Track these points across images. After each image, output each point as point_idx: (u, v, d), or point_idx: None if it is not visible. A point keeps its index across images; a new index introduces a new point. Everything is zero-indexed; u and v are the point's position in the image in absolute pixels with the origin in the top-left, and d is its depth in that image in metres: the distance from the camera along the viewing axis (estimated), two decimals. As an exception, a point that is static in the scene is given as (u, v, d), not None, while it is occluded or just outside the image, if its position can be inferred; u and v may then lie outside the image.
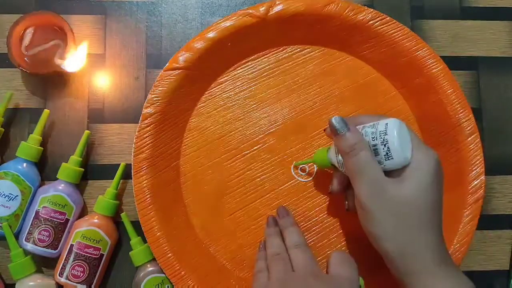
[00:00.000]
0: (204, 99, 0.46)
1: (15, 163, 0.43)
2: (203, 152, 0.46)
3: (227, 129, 0.46)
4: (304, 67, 0.48)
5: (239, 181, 0.45)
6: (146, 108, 0.43)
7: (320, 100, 0.47)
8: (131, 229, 0.43)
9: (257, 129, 0.46)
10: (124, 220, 0.43)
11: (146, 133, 0.43)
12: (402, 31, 0.45)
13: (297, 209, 0.45)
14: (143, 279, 0.42)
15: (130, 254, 0.43)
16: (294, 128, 0.46)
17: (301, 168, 0.46)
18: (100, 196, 0.44)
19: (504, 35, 0.50)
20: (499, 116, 0.49)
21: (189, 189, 0.45)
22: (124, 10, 0.49)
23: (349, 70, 0.48)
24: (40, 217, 0.42)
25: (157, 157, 0.43)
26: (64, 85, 0.47)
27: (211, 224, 0.45)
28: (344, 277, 0.36)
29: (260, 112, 0.47)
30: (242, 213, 0.45)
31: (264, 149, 0.46)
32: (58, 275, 0.41)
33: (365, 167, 0.34)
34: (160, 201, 0.43)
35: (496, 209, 0.48)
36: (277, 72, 0.47)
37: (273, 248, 0.40)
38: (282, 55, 0.48)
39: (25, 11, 0.45)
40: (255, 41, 0.46)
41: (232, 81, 0.47)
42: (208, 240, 0.44)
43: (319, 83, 0.47)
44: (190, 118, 0.46)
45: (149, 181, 0.42)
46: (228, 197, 0.45)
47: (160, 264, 0.41)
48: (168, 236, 0.42)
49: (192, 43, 0.44)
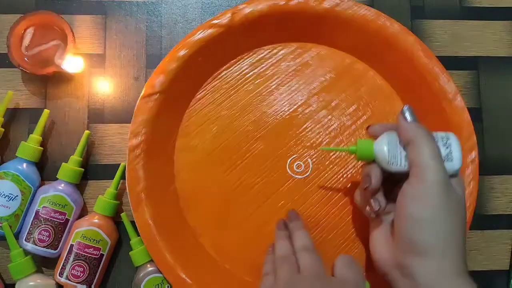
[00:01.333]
0: (187, 117, 0.46)
1: (15, 163, 0.43)
2: (197, 171, 0.45)
3: (215, 143, 0.46)
4: (278, 66, 0.47)
5: (238, 193, 0.45)
6: (131, 140, 0.42)
7: (302, 95, 0.47)
8: (131, 229, 0.43)
9: (245, 137, 0.46)
10: (124, 220, 0.43)
11: (136, 165, 0.42)
12: (369, 12, 0.45)
13: (301, 206, 0.45)
14: (143, 279, 0.42)
15: (130, 254, 0.43)
16: (281, 128, 0.46)
17: (296, 165, 0.46)
18: (100, 196, 0.44)
19: (504, 35, 0.50)
20: (499, 116, 0.49)
21: (191, 211, 0.44)
22: (124, 10, 0.49)
23: (324, 60, 0.48)
24: (40, 217, 0.42)
25: (153, 186, 0.43)
26: (64, 85, 0.47)
27: (221, 240, 0.44)
28: (350, 281, 0.36)
29: (245, 119, 0.46)
30: (249, 222, 0.45)
31: (255, 155, 0.46)
32: (58, 275, 0.41)
33: (439, 158, 0.34)
34: (166, 230, 0.42)
35: (496, 209, 0.48)
36: (253, 76, 0.47)
37: (281, 251, 0.39)
38: (255, 58, 0.47)
39: (25, 11, 0.45)
40: (226, 50, 0.46)
41: (211, 94, 0.47)
42: (222, 257, 0.44)
43: (297, 78, 0.47)
44: (176, 139, 0.46)
45: (150, 213, 0.42)
46: (231, 210, 0.45)
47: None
48: (181, 262, 0.41)
49: (164, 65, 0.44)
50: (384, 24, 0.45)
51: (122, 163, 0.45)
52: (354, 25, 0.45)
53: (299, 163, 0.46)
